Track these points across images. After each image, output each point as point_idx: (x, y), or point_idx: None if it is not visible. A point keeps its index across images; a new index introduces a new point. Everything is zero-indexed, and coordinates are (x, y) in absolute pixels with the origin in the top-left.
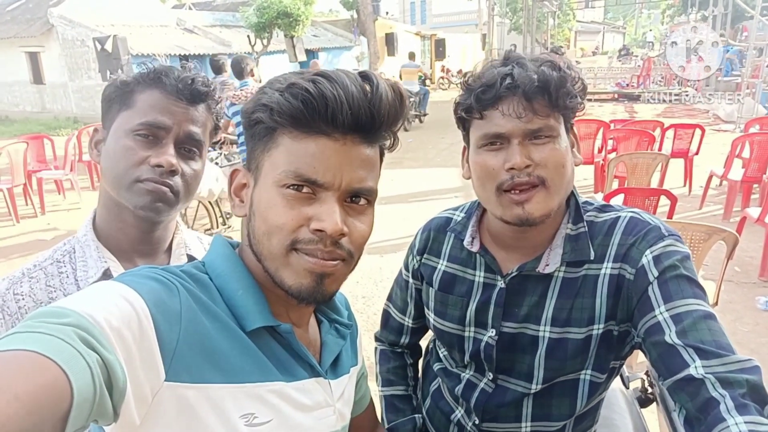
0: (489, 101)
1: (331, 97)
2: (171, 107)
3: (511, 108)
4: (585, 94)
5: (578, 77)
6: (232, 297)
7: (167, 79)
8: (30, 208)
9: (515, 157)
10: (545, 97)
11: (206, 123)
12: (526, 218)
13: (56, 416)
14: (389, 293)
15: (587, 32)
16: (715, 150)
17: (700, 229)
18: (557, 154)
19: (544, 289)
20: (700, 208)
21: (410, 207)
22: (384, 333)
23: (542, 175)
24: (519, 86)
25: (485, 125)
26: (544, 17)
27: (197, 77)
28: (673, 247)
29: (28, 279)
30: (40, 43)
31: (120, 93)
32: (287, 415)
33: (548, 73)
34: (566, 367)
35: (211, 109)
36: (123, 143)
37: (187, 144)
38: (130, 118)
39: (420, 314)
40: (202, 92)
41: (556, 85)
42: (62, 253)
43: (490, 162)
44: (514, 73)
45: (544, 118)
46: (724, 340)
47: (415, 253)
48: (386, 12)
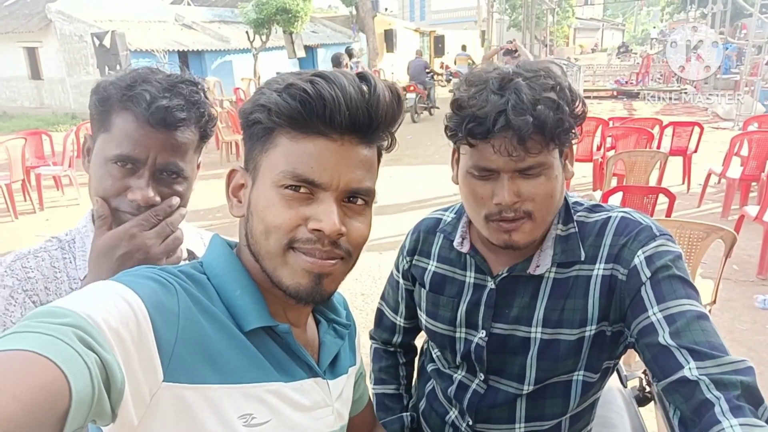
0: (480, 135)
1: (329, 97)
2: (144, 138)
3: (503, 147)
4: (584, 118)
5: (578, 100)
6: (230, 297)
7: (138, 106)
8: (28, 204)
9: (503, 194)
10: (539, 136)
11: (188, 143)
12: (512, 245)
13: (55, 416)
14: (383, 292)
15: (586, 29)
16: (713, 148)
17: (699, 227)
18: (547, 188)
19: (535, 290)
20: (699, 206)
21: (409, 204)
22: (377, 332)
23: (529, 209)
24: (512, 128)
25: (475, 155)
26: (544, 14)
27: (173, 101)
28: (665, 247)
29: (33, 257)
30: (37, 38)
31: (99, 111)
32: (285, 416)
33: (545, 114)
34: (558, 368)
35: (195, 125)
36: (103, 171)
37: (167, 171)
38: (108, 144)
39: (412, 315)
40: (178, 118)
41: (552, 126)
42: (65, 241)
43: (478, 191)
44: (508, 111)
45: (536, 155)
46: (717, 340)
47: (405, 254)
48: (385, 8)
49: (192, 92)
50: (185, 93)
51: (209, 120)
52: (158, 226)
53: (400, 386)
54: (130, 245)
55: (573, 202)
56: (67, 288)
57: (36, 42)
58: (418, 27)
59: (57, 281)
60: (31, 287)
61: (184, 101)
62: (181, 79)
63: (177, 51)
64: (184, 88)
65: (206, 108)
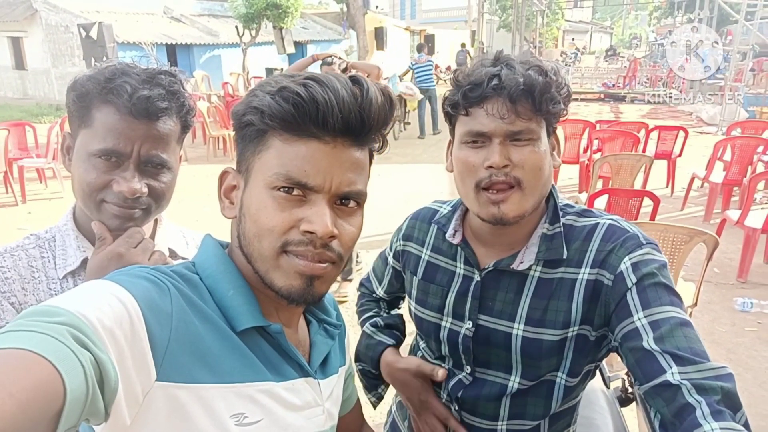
0: (475, 99)
1: (322, 100)
2: (127, 130)
3: (495, 108)
4: (569, 101)
5: (564, 84)
6: (222, 297)
7: (119, 98)
8: (10, 197)
9: (494, 156)
10: (529, 101)
11: (170, 134)
12: (501, 218)
13: (49, 414)
14: (373, 263)
15: (575, 32)
16: (697, 152)
17: (682, 231)
18: (535, 157)
19: (519, 286)
20: (682, 209)
21: (397, 203)
22: (362, 289)
23: (519, 176)
24: (504, 88)
25: (470, 122)
26: (533, 15)
27: (154, 91)
28: (650, 255)
29: (10, 255)
30: (22, 28)
31: (78, 107)
32: (277, 415)
33: (534, 77)
34: (542, 366)
35: (176, 115)
36: (86, 166)
37: (151, 163)
38: (90, 139)
39: (393, 290)
40: (161, 108)
41: (540, 89)
42: (44, 239)
43: (470, 159)
44: (501, 75)
45: (526, 121)
46: (699, 347)
47: (400, 236)
48: (376, 6)
49: (171, 82)
50: (164, 83)
51: (189, 110)
52: (142, 243)
53: (381, 311)
54: (119, 264)
55: (563, 204)
56: (45, 288)
57: (21, 32)
58: (409, 26)
59: (35, 281)
60: (8, 288)
61: (164, 91)
62: (159, 71)
63: (165, 44)
64: (163, 78)
65: (186, 98)
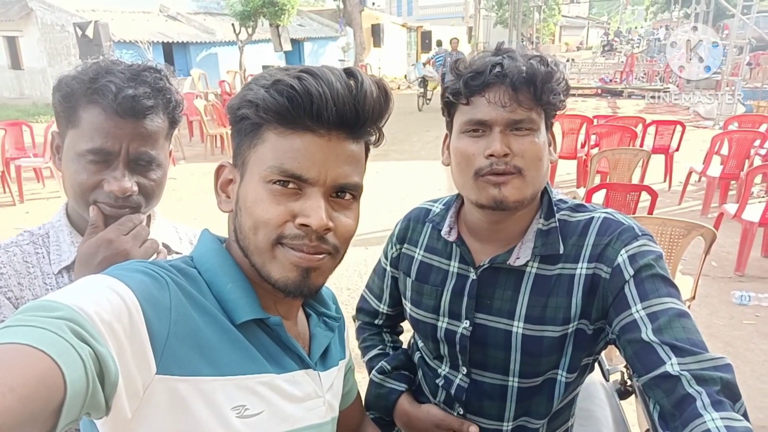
0: (477, 87)
1: (316, 93)
2: (114, 129)
3: (497, 96)
4: (568, 94)
5: (563, 77)
6: (221, 291)
7: (104, 98)
8: (8, 197)
9: (495, 144)
10: (530, 90)
11: (158, 131)
12: (501, 200)
13: (50, 408)
14: (368, 281)
15: (572, 27)
16: (694, 146)
17: (680, 225)
18: (535, 147)
19: (517, 283)
20: (680, 203)
21: (395, 199)
22: (360, 315)
23: (519, 165)
24: (507, 76)
25: (470, 111)
26: (530, 11)
27: (139, 89)
28: (647, 247)
29: (5, 251)
30: (18, 27)
31: (64, 108)
32: (278, 407)
33: (536, 66)
34: (542, 363)
35: (163, 112)
36: (76, 166)
37: (140, 160)
38: (78, 139)
39: (395, 303)
40: (147, 106)
41: (542, 79)
42: (37, 236)
43: (470, 148)
44: (503, 63)
45: (527, 110)
46: (697, 337)
47: (395, 241)
48: (372, 3)
49: (156, 79)
50: (150, 80)
51: (177, 106)
52: (134, 230)
53: (386, 347)
54: (108, 251)
55: (557, 199)
56: (41, 283)
57: (16, 31)
58: (405, 22)
59: (30, 276)
60: (4, 283)
61: (149, 89)
62: (144, 68)
63: (161, 42)
64: (148, 75)
65: (172, 94)
